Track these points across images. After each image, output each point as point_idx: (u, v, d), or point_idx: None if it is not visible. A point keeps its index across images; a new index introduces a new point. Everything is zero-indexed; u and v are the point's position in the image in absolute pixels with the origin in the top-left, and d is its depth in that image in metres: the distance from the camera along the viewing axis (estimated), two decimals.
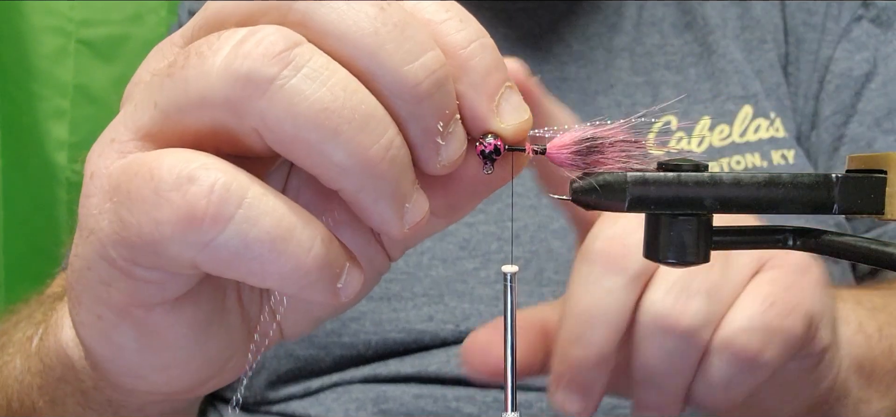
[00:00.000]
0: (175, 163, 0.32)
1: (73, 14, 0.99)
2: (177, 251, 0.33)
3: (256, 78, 0.32)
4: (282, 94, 0.32)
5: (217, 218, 0.32)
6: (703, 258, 0.36)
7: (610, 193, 0.35)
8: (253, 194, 0.32)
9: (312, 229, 0.33)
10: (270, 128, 0.32)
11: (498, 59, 0.36)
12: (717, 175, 0.35)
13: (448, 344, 0.68)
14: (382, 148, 0.33)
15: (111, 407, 0.46)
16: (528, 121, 0.37)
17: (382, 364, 0.68)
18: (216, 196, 0.32)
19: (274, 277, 0.33)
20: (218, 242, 0.32)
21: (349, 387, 0.68)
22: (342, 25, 0.33)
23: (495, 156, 0.37)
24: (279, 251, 0.32)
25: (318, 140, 0.32)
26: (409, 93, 0.33)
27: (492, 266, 0.70)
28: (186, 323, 0.38)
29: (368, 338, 0.68)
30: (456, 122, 0.35)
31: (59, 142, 0.99)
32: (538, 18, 0.78)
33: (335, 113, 0.32)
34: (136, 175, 0.33)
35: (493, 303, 0.69)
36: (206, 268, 0.33)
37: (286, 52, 0.32)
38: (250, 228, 0.32)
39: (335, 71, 0.32)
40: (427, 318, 0.68)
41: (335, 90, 0.32)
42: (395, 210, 0.35)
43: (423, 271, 0.70)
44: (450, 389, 0.67)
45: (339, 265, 0.34)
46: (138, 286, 0.35)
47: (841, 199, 0.36)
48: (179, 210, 0.32)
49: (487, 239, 0.71)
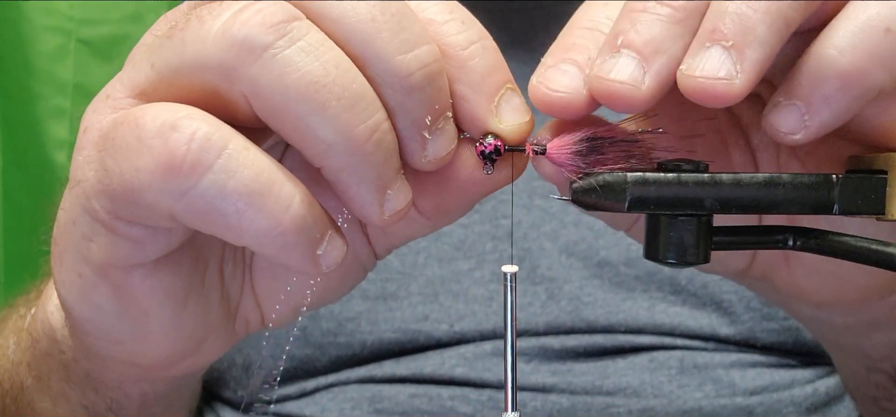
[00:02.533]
0: (159, 112, 0.33)
1: (72, 13, 0.99)
2: (154, 198, 0.33)
3: (251, 44, 0.32)
4: (274, 63, 0.32)
5: (196, 166, 0.32)
6: (704, 258, 0.36)
7: (610, 193, 0.35)
8: (234, 146, 0.33)
9: (292, 187, 0.34)
10: (260, 96, 0.33)
11: (498, 61, 0.36)
12: (717, 175, 0.35)
13: (443, 343, 0.68)
14: (368, 128, 0.33)
15: (90, 382, 0.46)
16: (528, 123, 0.37)
17: (378, 366, 0.68)
18: (196, 144, 0.32)
19: (250, 233, 0.33)
20: (195, 191, 0.32)
21: (345, 387, 0.68)
22: (340, 9, 0.33)
23: (495, 156, 0.37)
24: (256, 205, 0.33)
25: (305, 112, 0.33)
26: (400, 82, 0.34)
27: (487, 266, 0.70)
28: (164, 290, 0.38)
29: (364, 338, 0.68)
30: (446, 120, 0.36)
31: (59, 141, 0.99)
32: (532, 19, 0.78)
33: (325, 88, 0.32)
34: (122, 124, 0.34)
35: (487, 303, 0.69)
36: (183, 219, 0.34)
37: (284, 23, 0.32)
38: (228, 179, 0.32)
39: (330, 48, 0.33)
40: (422, 318, 0.68)
41: (327, 66, 0.33)
42: (375, 194, 0.35)
43: (419, 271, 0.70)
44: (445, 389, 0.67)
45: (320, 230, 0.35)
46: (118, 242, 0.36)
47: (841, 199, 0.36)
48: (159, 156, 0.32)
49: (482, 238, 0.71)
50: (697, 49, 0.34)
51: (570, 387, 0.66)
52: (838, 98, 0.34)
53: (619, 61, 0.34)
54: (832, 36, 0.34)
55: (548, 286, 0.69)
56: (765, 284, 0.45)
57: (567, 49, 0.37)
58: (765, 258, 0.44)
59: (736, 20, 0.33)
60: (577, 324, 0.68)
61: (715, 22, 0.34)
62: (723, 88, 0.33)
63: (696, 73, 0.34)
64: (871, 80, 0.34)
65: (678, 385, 0.66)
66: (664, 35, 0.34)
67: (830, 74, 0.34)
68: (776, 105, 0.36)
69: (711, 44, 0.34)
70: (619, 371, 0.67)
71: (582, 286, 0.68)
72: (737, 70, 0.33)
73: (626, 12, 0.35)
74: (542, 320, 0.68)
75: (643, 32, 0.34)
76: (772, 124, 0.36)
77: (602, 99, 0.35)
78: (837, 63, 0.34)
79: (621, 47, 0.34)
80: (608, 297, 0.68)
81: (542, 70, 0.37)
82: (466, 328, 0.68)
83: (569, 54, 0.36)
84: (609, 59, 0.35)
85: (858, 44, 0.33)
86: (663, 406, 0.65)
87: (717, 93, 0.33)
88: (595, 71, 0.35)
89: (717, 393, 0.66)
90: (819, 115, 0.35)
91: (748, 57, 0.33)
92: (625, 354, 0.67)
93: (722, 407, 0.65)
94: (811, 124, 0.35)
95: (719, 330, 0.68)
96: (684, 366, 0.66)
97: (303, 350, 0.69)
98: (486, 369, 0.67)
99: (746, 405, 0.66)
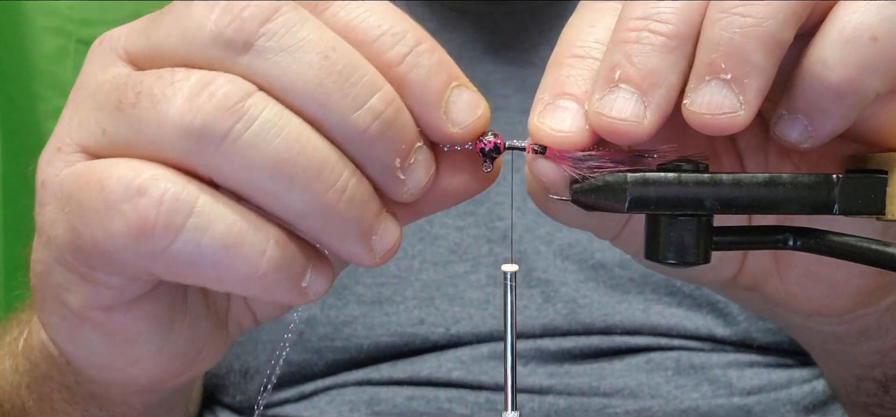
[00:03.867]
0: (124, 173, 0.33)
1: (73, 14, 0.99)
2: (131, 260, 0.33)
3: (210, 133, 0.32)
4: (236, 148, 0.32)
5: (168, 228, 0.32)
6: (704, 258, 0.36)
7: (610, 194, 0.35)
8: (202, 202, 0.33)
9: (265, 233, 0.34)
10: (226, 178, 0.33)
11: (437, 63, 0.35)
12: (717, 175, 0.35)
13: (439, 346, 0.68)
14: (337, 192, 0.34)
15: (94, 401, 0.47)
16: (481, 117, 0.36)
17: (375, 369, 0.68)
18: (166, 206, 0.32)
19: (232, 282, 0.34)
20: (171, 251, 0.33)
21: (342, 390, 0.68)
22: (286, 79, 0.33)
23: (495, 154, 0.37)
24: (232, 256, 0.33)
25: (274, 189, 0.33)
26: (359, 138, 0.34)
27: (482, 269, 0.70)
28: (147, 320, 0.38)
29: (360, 342, 0.68)
30: (418, 151, 0.36)
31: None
32: (522, 22, 0.78)
33: (289, 162, 0.33)
34: (86, 185, 0.33)
35: (483, 306, 0.69)
36: (163, 276, 0.34)
37: (239, 103, 0.32)
38: (201, 236, 0.33)
39: (288, 120, 0.33)
40: (418, 321, 0.68)
41: (289, 140, 0.33)
42: (361, 245, 0.35)
43: (414, 275, 0.70)
44: (442, 391, 0.67)
45: (300, 265, 0.35)
46: (98, 289, 0.36)
47: (841, 199, 0.36)
48: (130, 222, 0.32)
49: (478, 242, 0.71)
50: (697, 83, 0.34)
51: (568, 389, 0.66)
52: (835, 109, 0.34)
53: (619, 97, 0.34)
54: (820, 49, 0.34)
55: (543, 289, 0.69)
56: (753, 294, 0.45)
57: (562, 83, 0.36)
58: (754, 266, 0.44)
59: (730, 52, 0.33)
60: (573, 326, 0.68)
61: (710, 55, 0.34)
62: (729, 121, 0.34)
63: (701, 110, 0.34)
64: (865, 89, 0.34)
65: (675, 386, 0.66)
66: (660, 66, 0.34)
67: (823, 88, 0.34)
68: (780, 118, 0.36)
69: (711, 77, 0.34)
70: (615, 372, 0.67)
71: (577, 288, 0.69)
72: (740, 101, 0.34)
73: (618, 43, 0.35)
74: (539, 322, 0.68)
75: (639, 65, 0.34)
76: (779, 136, 0.36)
77: (605, 134, 0.35)
78: (828, 78, 0.34)
79: (619, 82, 0.34)
80: (604, 299, 0.68)
81: (540, 108, 0.36)
82: (462, 331, 0.68)
83: (565, 88, 0.36)
84: (608, 94, 0.35)
85: (846, 56, 0.34)
86: (660, 407, 0.65)
87: (724, 125, 0.34)
88: (595, 107, 0.35)
89: (714, 394, 0.66)
90: (821, 125, 0.35)
91: (749, 87, 0.34)
92: (621, 355, 0.68)
93: (719, 407, 0.65)
94: (816, 133, 0.36)
95: (715, 331, 0.68)
96: (681, 367, 0.67)
97: (300, 355, 0.69)
98: (483, 372, 0.67)
99: (744, 405, 0.66)
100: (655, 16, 0.34)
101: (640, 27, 0.34)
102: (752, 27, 0.33)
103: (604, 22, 0.37)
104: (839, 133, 0.36)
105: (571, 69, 0.37)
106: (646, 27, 0.34)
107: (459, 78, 0.36)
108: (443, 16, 0.78)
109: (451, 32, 0.77)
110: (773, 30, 0.33)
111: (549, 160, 0.37)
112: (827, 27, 0.34)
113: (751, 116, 0.34)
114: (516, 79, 0.75)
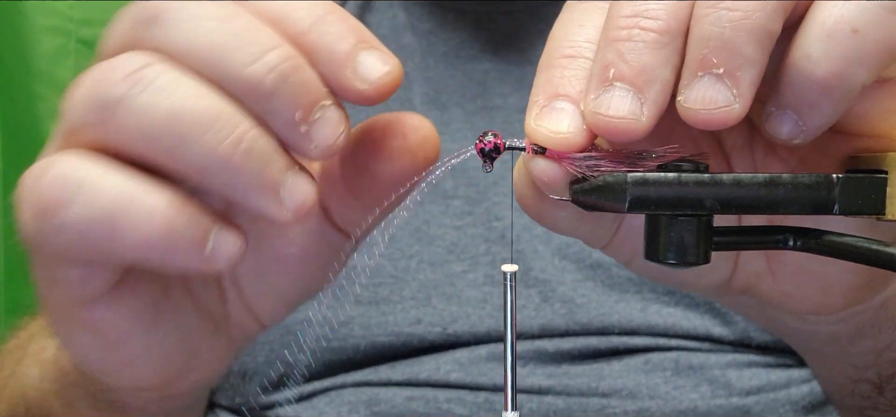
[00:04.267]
0: (38, 163, 0.35)
1: (72, 14, 0.99)
2: (45, 240, 0.35)
3: (106, 100, 0.34)
4: (130, 110, 0.34)
5: (60, 203, 0.34)
6: (704, 259, 0.36)
7: (610, 194, 0.35)
8: (90, 175, 0.34)
9: (157, 195, 0.35)
10: (127, 143, 0.34)
11: (345, 28, 0.36)
12: (717, 175, 0.35)
13: (437, 346, 0.68)
14: (232, 143, 0.34)
15: (116, 408, 0.47)
16: (388, 72, 0.36)
17: (373, 371, 0.68)
18: (57, 183, 0.34)
19: (129, 248, 0.35)
20: (66, 223, 0.34)
21: (341, 391, 0.68)
22: (184, 42, 0.34)
23: (495, 154, 0.37)
24: (122, 222, 0.34)
25: (169, 145, 0.34)
26: (254, 91, 0.34)
27: (480, 268, 0.70)
28: (128, 315, 0.39)
29: (357, 343, 0.68)
30: (323, 108, 0.36)
31: None
32: (519, 20, 0.78)
33: (179, 118, 0.34)
34: (23, 179, 0.36)
35: (481, 306, 0.69)
36: (76, 251, 0.35)
37: (138, 71, 0.34)
38: (90, 206, 0.34)
39: (183, 83, 0.34)
40: (415, 321, 0.68)
41: (181, 97, 0.34)
42: (268, 197, 0.35)
43: (411, 274, 0.70)
44: (441, 391, 0.67)
45: (200, 228, 0.35)
46: (67, 285, 0.37)
47: (841, 200, 0.36)
48: (33, 203, 0.34)
49: (475, 241, 0.71)
50: (690, 79, 0.34)
51: (566, 389, 0.66)
52: (824, 102, 0.35)
53: (615, 95, 0.35)
54: (804, 44, 0.34)
55: (541, 288, 0.69)
56: (746, 299, 0.45)
57: (555, 84, 0.37)
58: (747, 269, 0.44)
59: (721, 47, 0.34)
60: (571, 327, 0.68)
61: (701, 50, 0.34)
62: (724, 115, 0.34)
63: (696, 106, 0.34)
64: (851, 81, 0.34)
65: (674, 387, 0.66)
66: (653, 62, 0.34)
67: (809, 83, 0.34)
68: (770, 114, 0.36)
69: (703, 73, 0.34)
70: (614, 372, 0.67)
71: (575, 288, 0.69)
72: (734, 95, 0.34)
73: (610, 42, 0.35)
74: (537, 323, 0.68)
75: (633, 62, 0.34)
76: (770, 132, 0.36)
77: (602, 133, 0.35)
78: (813, 73, 0.34)
79: (613, 80, 0.35)
80: (602, 299, 0.68)
81: (536, 111, 0.36)
82: (460, 330, 0.68)
83: (559, 89, 0.36)
84: (603, 93, 0.35)
85: (830, 50, 0.34)
86: (659, 407, 0.65)
87: (719, 119, 0.34)
88: (592, 107, 0.35)
89: (713, 394, 0.66)
90: (811, 119, 0.35)
91: (742, 79, 0.34)
92: (620, 356, 0.68)
93: (718, 408, 0.65)
94: (807, 127, 0.36)
95: (714, 331, 0.68)
96: (680, 367, 0.67)
97: (297, 355, 0.69)
98: (482, 373, 0.67)
99: (743, 405, 0.66)
100: (644, 13, 0.35)
101: (631, 24, 0.35)
102: (741, 20, 0.34)
103: (592, 21, 0.37)
104: (830, 126, 0.36)
105: (564, 70, 0.37)
106: (636, 24, 0.35)
107: (370, 40, 0.36)
108: (440, 15, 0.78)
109: (449, 31, 0.77)
110: (762, 21, 0.34)
111: (549, 160, 0.37)
112: (809, 21, 0.35)
113: (746, 109, 0.34)
114: (514, 78, 0.75)
